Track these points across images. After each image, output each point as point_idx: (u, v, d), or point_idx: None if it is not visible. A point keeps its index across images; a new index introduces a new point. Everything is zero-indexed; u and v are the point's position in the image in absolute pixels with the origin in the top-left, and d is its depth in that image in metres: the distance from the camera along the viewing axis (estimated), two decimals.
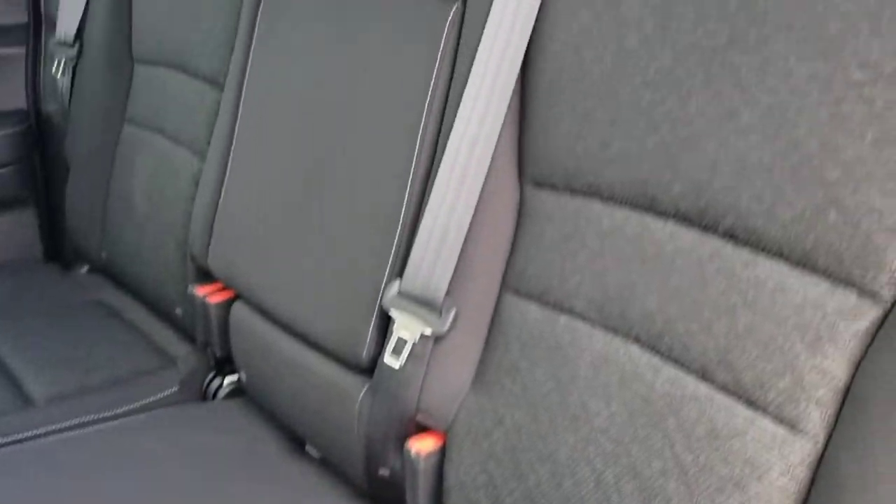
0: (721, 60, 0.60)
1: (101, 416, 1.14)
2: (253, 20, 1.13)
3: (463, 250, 0.78)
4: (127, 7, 1.46)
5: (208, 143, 1.22)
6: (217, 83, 1.23)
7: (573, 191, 0.73)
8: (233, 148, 1.13)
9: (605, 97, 0.69)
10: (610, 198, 0.70)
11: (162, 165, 1.35)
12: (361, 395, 0.87)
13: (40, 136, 1.71)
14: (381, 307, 0.84)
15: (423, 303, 0.79)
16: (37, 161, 1.72)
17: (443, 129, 0.82)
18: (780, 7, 0.57)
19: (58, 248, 1.75)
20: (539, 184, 0.77)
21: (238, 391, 1.20)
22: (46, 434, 1.08)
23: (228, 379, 1.22)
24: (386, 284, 0.84)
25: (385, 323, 0.84)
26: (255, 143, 1.10)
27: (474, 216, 0.77)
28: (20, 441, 1.06)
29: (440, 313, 0.78)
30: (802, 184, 0.56)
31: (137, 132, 1.43)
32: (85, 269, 1.63)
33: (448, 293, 0.78)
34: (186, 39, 1.31)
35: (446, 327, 0.78)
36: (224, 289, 1.16)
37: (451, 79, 0.82)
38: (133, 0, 1.45)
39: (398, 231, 0.84)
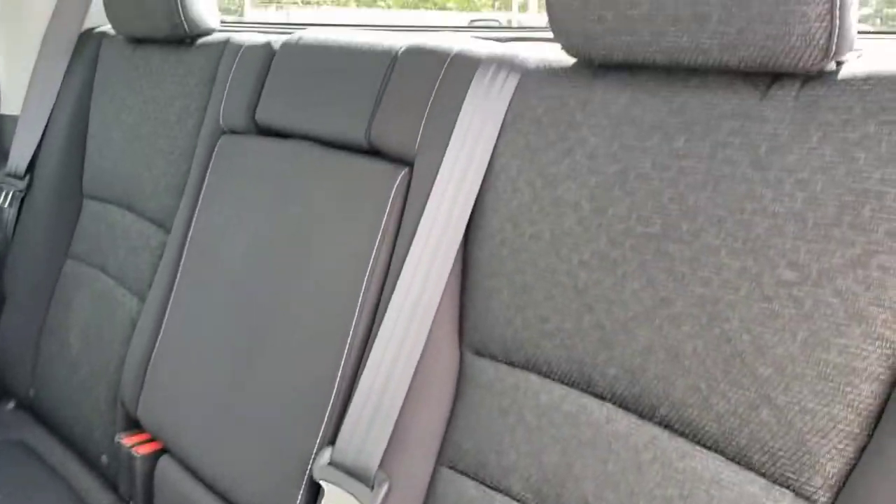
0: (655, 248, 0.62)
1: None
2: (204, 170, 1.14)
3: (399, 419, 0.76)
4: (80, 143, 1.47)
5: (150, 285, 1.20)
6: (164, 226, 1.22)
7: (512, 363, 0.72)
8: (173, 294, 1.11)
9: (542, 273, 0.69)
10: (548, 373, 0.69)
11: (101, 304, 1.32)
12: None
13: None
14: (310, 476, 0.80)
15: (354, 474, 0.76)
16: None
17: (384, 294, 0.81)
18: (711, 202, 0.59)
19: None
20: (479, 352, 0.76)
21: None
22: None
23: None
24: (317, 452, 0.80)
25: (315, 492, 0.80)
26: (195, 292, 1.08)
27: (412, 383, 0.76)
28: None
29: (372, 487, 0.74)
30: (735, 378, 0.55)
31: (79, 268, 1.41)
32: (11, 405, 1.56)
33: (381, 465, 0.75)
34: (138, 180, 1.31)
35: (378, 503, 0.74)
36: (153, 440, 1.11)
37: (394, 243, 0.82)
38: (88, 137, 1.46)
39: (333, 395, 0.82)
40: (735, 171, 0.58)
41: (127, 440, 1.13)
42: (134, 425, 1.15)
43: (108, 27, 1.46)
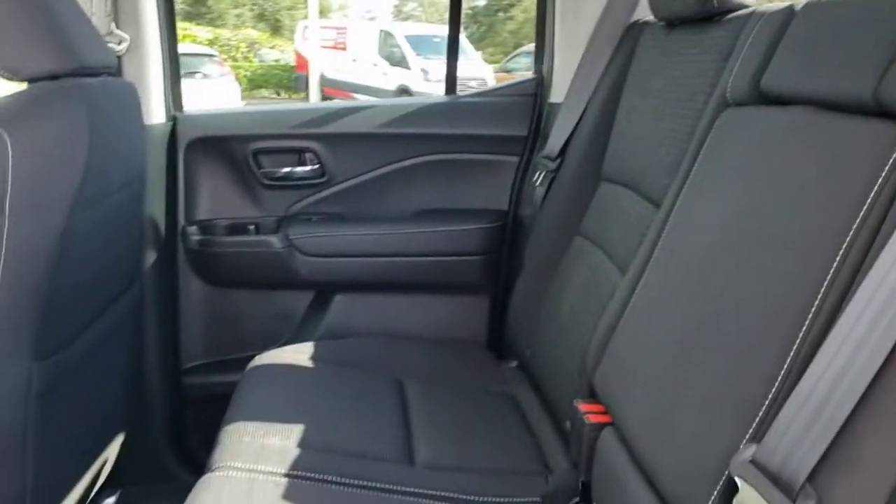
0: None
1: (461, 497, 1.18)
2: (698, 149, 1.10)
3: (845, 434, 0.61)
4: (607, 130, 1.56)
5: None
6: (657, 205, 1.22)
7: None
8: (646, 271, 1.10)
9: None
10: None
11: (592, 278, 1.39)
12: None
13: (512, 235, 1.91)
14: (729, 472, 0.70)
15: (776, 480, 0.64)
16: (503, 257, 1.92)
17: (854, 283, 0.67)
18: None
19: (498, 338, 1.91)
20: None
21: None
22: (408, 494, 1.16)
23: None
24: (741, 447, 0.70)
25: (731, 489, 0.70)
26: (664, 269, 1.05)
27: (868, 395, 0.61)
28: (387, 490, 1.16)
29: (794, 500, 0.62)
30: None
31: (583, 244, 1.50)
32: (514, 363, 1.75)
33: (811, 479, 0.62)
34: (644, 160, 1.33)
35: None
36: (605, 413, 1.12)
37: (881, 221, 0.67)
38: (614, 124, 1.55)
39: (772, 392, 0.70)
40: None
41: (583, 406, 1.16)
42: (594, 394, 1.18)
43: (650, 17, 1.52)
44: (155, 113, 1.78)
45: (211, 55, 12.00)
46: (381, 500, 1.13)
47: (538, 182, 1.74)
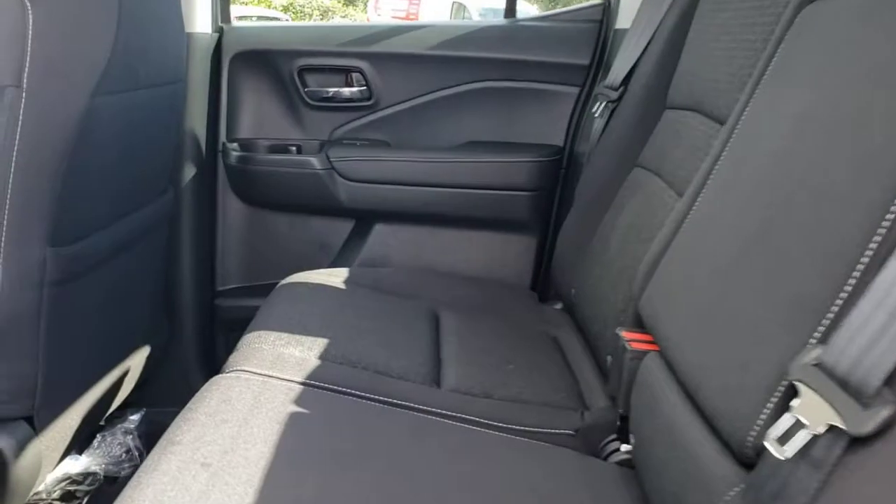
0: None
1: (486, 421, 1.10)
2: (771, 55, 0.99)
3: None
4: (675, 55, 1.44)
5: None
6: (723, 122, 1.11)
7: None
8: (703, 189, 1.00)
9: None
10: None
11: (647, 206, 1.29)
12: (732, 493, 0.65)
13: (566, 172, 1.81)
14: (789, 378, 0.61)
15: (844, 385, 0.54)
16: (556, 195, 1.83)
17: None
18: None
19: (544, 280, 1.82)
20: None
21: (630, 462, 1.05)
22: (430, 412, 1.09)
23: (625, 447, 1.07)
24: (805, 350, 0.61)
25: (789, 397, 0.61)
26: (722, 185, 0.95)
27: None
28: (406, 408, 1.09)
29: (865, 406, 0.52)
30: None
31: (640, 174, 1.40)
32: (558, 306, 1.66)
33: (888, 383, 0.52)
34: (714, 79, 1.22)
35: (868, 428, 0.52)
36: (650, 342, 1.03)
37: None
38: (684, 48, 1.43)
39: (848, 284, 0.60)
40: None
41: (625, 334, 1.07)
42: (638, 323, 1.09)
43: None
44: (200, 22, 1.72)
45: (278, 19, 12.03)
46: (399, 417, 1.06)
47: (597, 114, 1.64)
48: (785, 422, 0.58)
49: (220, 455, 0.86)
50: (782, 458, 0.57)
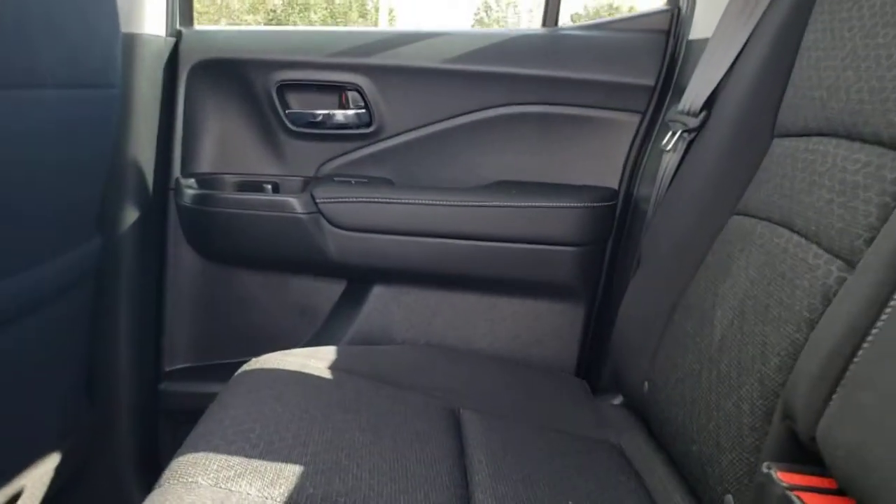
0: None
1: None
2: None
3: None
4: (782, 69, 1.08)
5: (865, 241, 0.74)
6: None
7: None
8: None
9: None
10: None
11: (772, 269, 0.90)
12: None
13: (623, 221, 1.43)
14: None
15: None
16: (609, 250, 1.44)
17: None
18: None
19: (596, 363, 1.42)
20: None
21: None
22: None
23: None
24: None
25: None
26: None
27: None
28: None
29: None
30: None
31: (747, 225, 1.01)
32: (618, 400, 1.26)
33: None
34: (871, 93, 0.85)
35: None
36: (836, 491, 0.63)
37: None
38: (799, 56, 1.07)
39: None
40: None
41: (783, 476, 0.67)
42: (797, 454, 0.70)
43: None
44: (148, 21, 1.36)
45: None
46: None
47: (669, 147, 1.27)
48: None
49: None
50: None
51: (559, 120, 1.43)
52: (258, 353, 1.42)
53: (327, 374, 1.12)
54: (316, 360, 1.17)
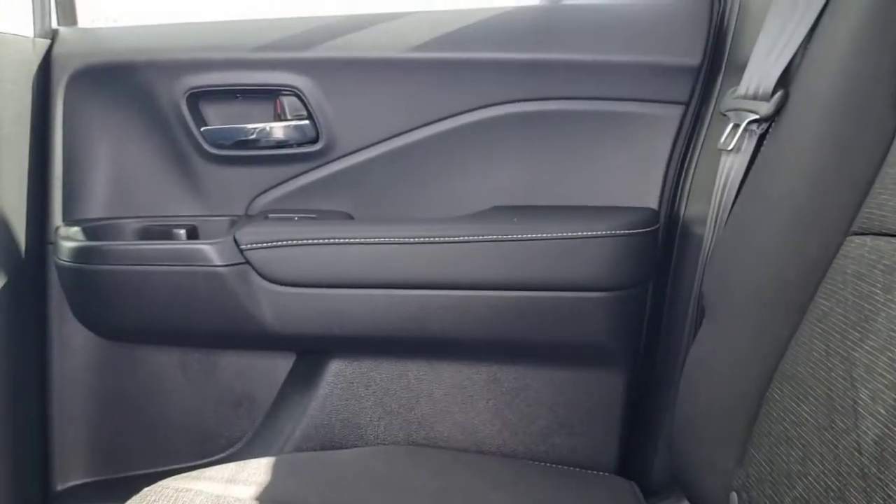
0: None
1: None
2: None
3: None
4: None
5: None
6: None
7: None
8: None
9: None
10: None
11: None
12: None
13: (666, 252, 1.08)
14: None
15: None
16: (650, 296, 1.09)
17: None
18: None
19: (643, 458, 1.05)
20: None
21: None
22: None
23: None
24: None
25: None
26: None
27: None
28: None
29: None
30: None
31: (884, 247, 0.67)
32: None
33: None
34: None
35: None
36: None
37: None
38: None
39: None
40: None
41: None
42: None
43: None
44: (8, 16, 1.02)
45: None
46: None
47: (730, 145, 0.93)
48: None
49: None
50: None
51: (570, 120, 1.09)
52: (178, 461, 1.06)
53: None
54: (241, 486, 0.81)
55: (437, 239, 1.01)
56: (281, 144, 1.11)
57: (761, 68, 0.92)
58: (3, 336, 1.02)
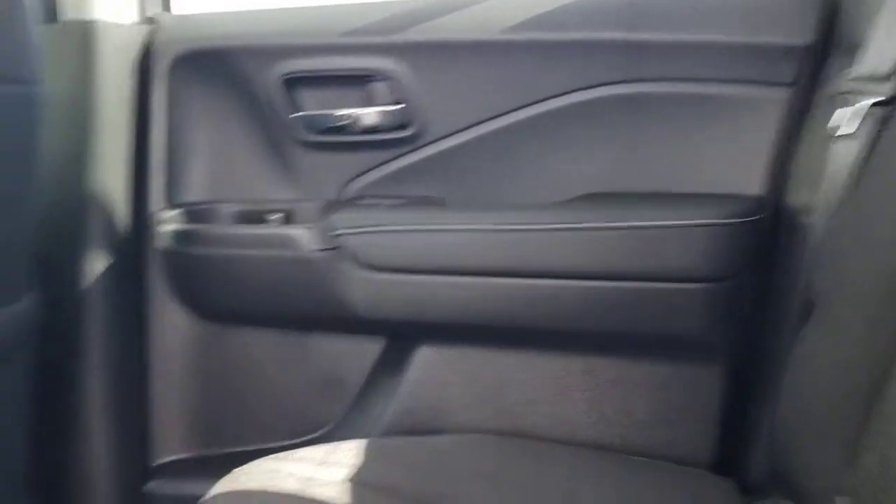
0: None
1: None
2: None
3: None
4: None
5: None
6: None
7: None
8: None
9: None
10: None
11: None
12: None
13: (771, 242, 1.03)
14: None
15: None
16: (751, 288, 1.05)
17: None
18: None
19: (744, 453, 1.02)
20: None
21: None
22: None
23: None
24: None
25: None
26: None
27: None
28: None
29: None
30: None
31: None
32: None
33: None
34: None
35: None
36: None
37: None
38: None
39: None
40: None
41: None
42: None
43: None
44: (109, 5, 1.06)
45: None
46: None
47: (845, 129, 0.88)
48: None
49: None
50: None
51: (669, 103, 1.05)
52: (270, 440, 1.09)
53: (352, 495, 0.77)
54: (332, 468, 0.82)
55: (528, 227, 0.99)
56: (372, 130, 1.11)
57: (884, 46, 0.87)
58: (106, 317, 1.06)
